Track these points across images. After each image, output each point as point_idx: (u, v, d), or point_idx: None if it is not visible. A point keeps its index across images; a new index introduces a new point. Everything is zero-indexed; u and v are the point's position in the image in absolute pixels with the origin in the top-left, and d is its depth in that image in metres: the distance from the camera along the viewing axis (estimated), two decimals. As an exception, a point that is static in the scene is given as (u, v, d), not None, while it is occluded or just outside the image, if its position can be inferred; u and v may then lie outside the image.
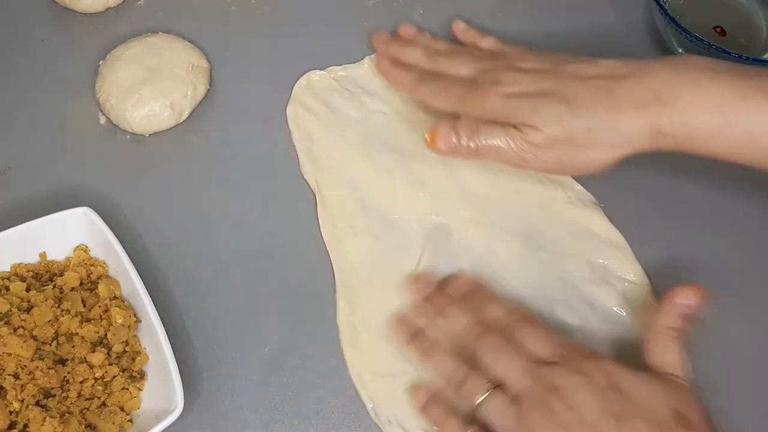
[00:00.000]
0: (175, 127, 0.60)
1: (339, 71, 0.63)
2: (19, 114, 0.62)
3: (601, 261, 0.53)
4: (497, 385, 0.44)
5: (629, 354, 0.50)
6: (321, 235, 0.56)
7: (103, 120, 0.61)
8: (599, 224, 0.55)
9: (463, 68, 0.55)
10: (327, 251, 0.55)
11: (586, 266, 0.53)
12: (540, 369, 0.44)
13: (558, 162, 0.50)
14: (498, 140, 0.50)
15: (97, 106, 0.61)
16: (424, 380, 0.49)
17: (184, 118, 0.60)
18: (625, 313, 0.52)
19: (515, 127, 0.50)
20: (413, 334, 0.50)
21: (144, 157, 0.60)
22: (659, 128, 0.47)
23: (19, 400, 0.47)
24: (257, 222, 0.56)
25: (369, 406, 0.50)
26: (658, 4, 0.60)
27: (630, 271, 0.53)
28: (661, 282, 0.53)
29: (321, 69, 0.62)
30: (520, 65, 0.53)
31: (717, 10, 0.65)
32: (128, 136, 0.60)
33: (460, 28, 0.62)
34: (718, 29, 0.63)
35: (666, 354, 0.45)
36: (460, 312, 0.49)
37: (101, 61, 0.62)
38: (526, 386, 0.43)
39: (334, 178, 0.57)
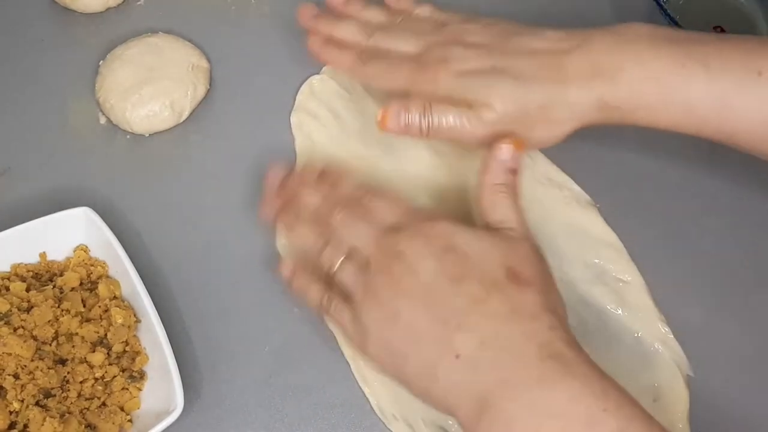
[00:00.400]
0: (175, 127, 0.60)
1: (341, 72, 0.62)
2: (19, 114, 0.62)
3: (596, 261, 0.53)
4: (351, 253, 0.47)
5: (624, 354, 0.51)
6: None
7: (103, 120, 0.61)
8: (595, 224, 0.55)
9: (406, 44, 0.53)
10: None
11: (582, 266, 0.53)
12: (385, 236, 0.46)
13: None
14: (451, 119, 0.49)
15: (97, 106, 0.61)
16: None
17: (184, 118, 0.60)
18: (620, 312, 0.52)
19: (469, 105, 0.49)
20: (274, 214, 0.53)
21: (144, 157, 0.60)
22: (605, 101, 0.48)
23: (19, 400, 0.47)
24: (257, 222, 0.56)
25: (374, 403, 0.50)
26: (659, 4, 0.60)
27: (625, 271, 0.53)
28: (656, 281, 0.53)
29: (319, 71, 0.62)
30: (467, 39, 0.52)
31: (717, 10, 0.65)
32: (128, 136, 0.60)
33: None
34: (718, 29, 0.63)
35: (499, 209, 0.47)
36: (314, 190, 0.51)
37: (101, 61, 0.62)
38: (373, 253, 0.46)
39: None
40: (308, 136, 0.59)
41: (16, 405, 0.47)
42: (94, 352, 0.49)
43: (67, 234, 0.53)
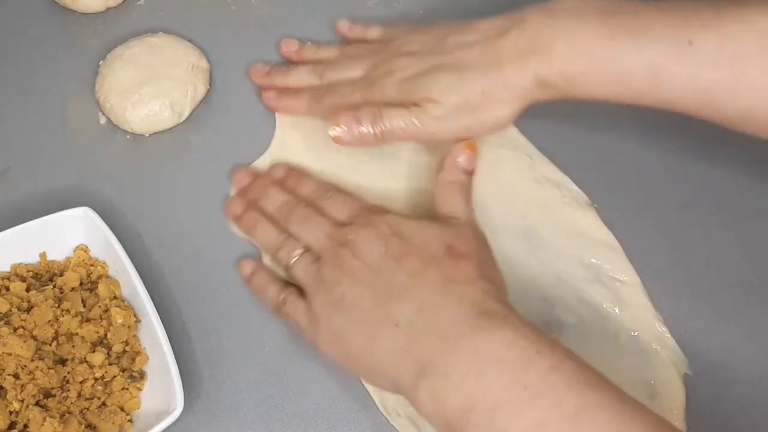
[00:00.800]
0: (175, 127, 0.60)
1: None
2: (18, 114, 0.61)
3: (594, 261, 0.54)
4: (307, 250, 0.50)
5: (621, 350, 0.51)
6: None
7: (103, 120, 0.61)
8: (592, 224, 0.55)
9: (354, 70, 0.56)
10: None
11: (580, 265, 0.54)
12: (337, 230, 0.49)
13: (464, 128, 0.51)
14: (401, 120, 0.51)
15: (97, 106, 0.61)
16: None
17: (184, 118, 0.60)
18: (617, 311, 0.52)
19: (416, 104, 0.51)
20: (239, 214, 0.55)
21: (144, 157, 0.59)
22: (542, 78, 0.48)
23: (19, 400, 0.47)
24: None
25: (377, 400, 0.50)
26: (658, 4, 0.60)
27: (621, 271, 0.53)
28: (653, 280, 0.53)
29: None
30: (407, 48, 0.54)
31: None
32: (128, 136, 0.60)
33: (345, 26, 0.62)
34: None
35: (449, 203, 0.50)
36: (277, 191, 0.54)
37: (101, 61, 0.62)
38: (324, 245, 0.49)
39: None
40: (293, 152, 0.59)
41: (16, 405, 0.47)
42: (94, 352, 0.49)
43: (67, 234, 0.53)
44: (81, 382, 0.49)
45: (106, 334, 0.50)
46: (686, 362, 0.51)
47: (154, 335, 0.49)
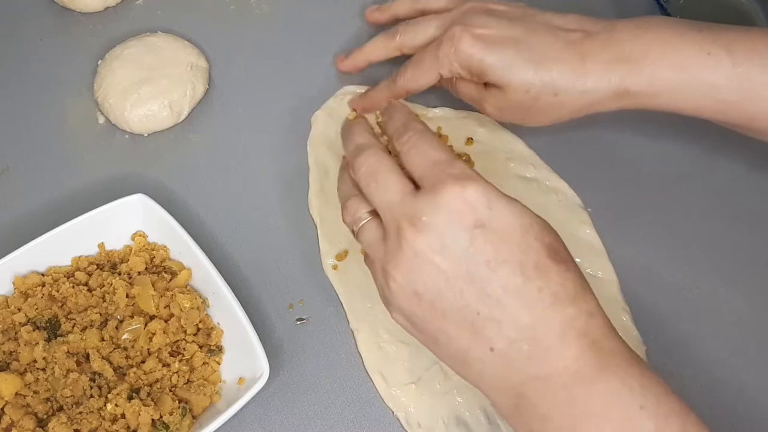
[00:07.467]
0: (174, 126, 0.60)
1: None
2: (17, 113, 0.61)
3: (577, 259, 0.55)
4: (374, 213, 0.45)
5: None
6: (320, 235, 0.56)
7: (101, 119, 0.61)
8: (581, 225, 0.57)
9: (430, 28, 0.53)
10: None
11: None
12: (408, 200, 0.42)
13: (519, 118, 0.52)
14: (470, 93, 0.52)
15: (96, 105, 0.61)
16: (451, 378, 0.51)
17: (183, 117, 0.60)
18: None
19: (485, 86, 0.51)
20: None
21: (143, 157, 0.59)
22: (625, 88, 0.48)
23: (115, 395, 0.48)
24: (256, 222, 0.56)
25: (401, 414, 0.51)
26: (659, 3, 0.60)
27: (599, 268, 0.56)
28: (630, 280, 0.55)
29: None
30: (491, 7, 0.52)
31: (717, 9, 0.65)
32: (127, 136, 0.60)
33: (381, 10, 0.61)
34: (719, 29, 0.63)
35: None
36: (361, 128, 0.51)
37: (100, 61, 0.62)
38: (393, 219, 0.42)
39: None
40: (323, 165, 0.58)
41: (111, 405, 0.48)
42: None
43: (122, 223, 0.53)
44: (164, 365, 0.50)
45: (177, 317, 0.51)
46: (642, 341, 0.53)
47: (227, 308, 0.50)
